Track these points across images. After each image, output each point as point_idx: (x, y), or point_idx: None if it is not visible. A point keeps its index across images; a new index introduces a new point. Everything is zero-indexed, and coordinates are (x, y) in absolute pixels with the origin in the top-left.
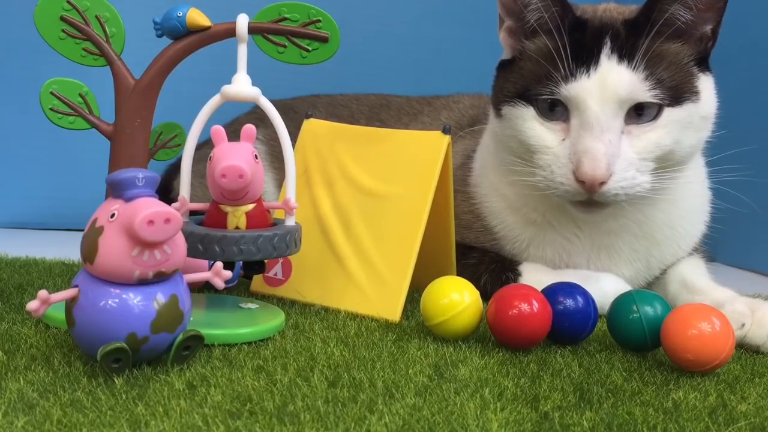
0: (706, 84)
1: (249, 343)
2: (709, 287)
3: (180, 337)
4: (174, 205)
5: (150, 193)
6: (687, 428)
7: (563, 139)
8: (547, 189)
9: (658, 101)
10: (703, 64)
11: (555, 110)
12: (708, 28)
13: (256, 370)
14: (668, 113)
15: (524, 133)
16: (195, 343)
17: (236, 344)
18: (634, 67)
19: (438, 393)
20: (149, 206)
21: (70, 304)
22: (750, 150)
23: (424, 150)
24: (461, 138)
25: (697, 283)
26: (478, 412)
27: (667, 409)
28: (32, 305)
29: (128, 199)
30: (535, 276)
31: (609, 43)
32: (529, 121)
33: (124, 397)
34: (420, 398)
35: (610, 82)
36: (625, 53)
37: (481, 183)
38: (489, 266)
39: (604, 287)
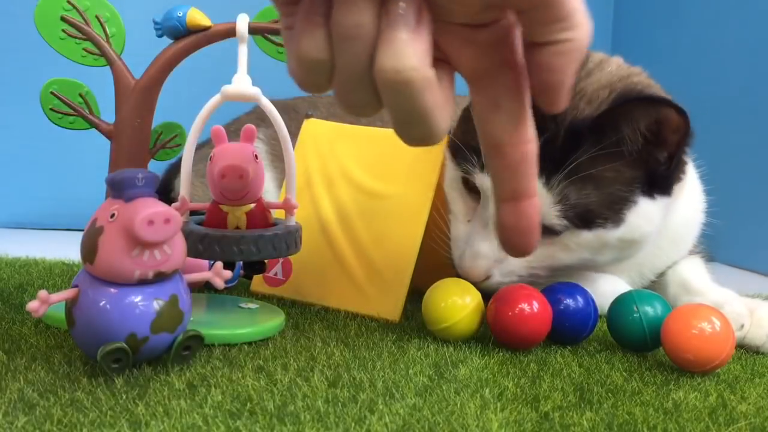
0: (643, 209)
1: (249, 343)
2: (708, 288)
3: (180, 337)
4: (174, 205)
5: (150, 193)
6: (687, 428)
7: (468, 220)
8: None
9: (561, 228)
10: (655, 186)
11: (472, 188)
12: (663, 154)
13: (257, 370)
14: (572, 234)
15: (449, 190)
16: (195, 343)
17: (236, 344)
18: (550, 188)
19: (438, 393)
20: (149, 206)
21: (70, 304)
22: (750, 150)
23: (425, 150)
24: None
25: (697, 284)
26: (479, 412)
27: (667, 409)
28: (32, 305)
29: (128, 199)
30: None
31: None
32: (456, 181)
33: (124, 397)
34: (420, 398)
35: None
36: (546, 168)
37: None
38: None
39: (604, 288)
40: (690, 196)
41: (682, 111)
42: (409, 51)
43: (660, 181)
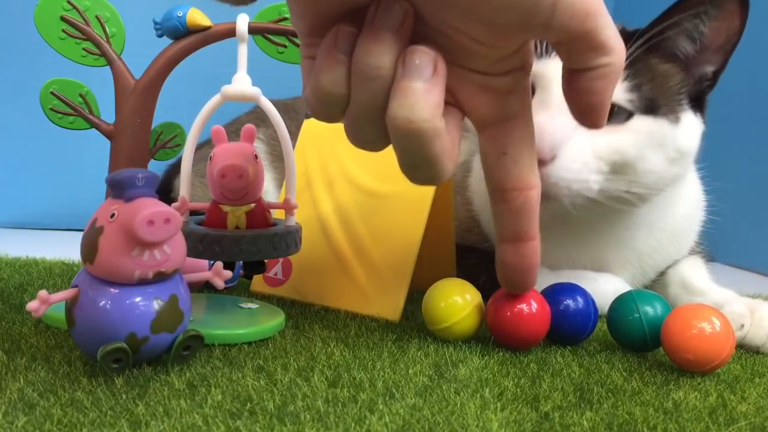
0: (690, 120)
1: (249, 343)
2: (708, 288)
3: (180, 337)
4: (174, 205)
5: (150, 193)
6: (687, 428)
7: None
8: None
9: (630, 107)
10: (695, 104)
11: None
12: (709, 69)
13: (257, 370)
14: (639, 121)
15: None
16: (195, 343)
17: (236, 344)
18: (631, 54)
19: (438, 393)
20: (149, 206)
21: (70, 304)
22: (750, 150)
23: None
24: (464, 138)
25: (697, 283)
26: (479, 412)
27: (668, 409)
28: (32, 305)
29: (128, 199)
30: None
31: None
32: None
33: (124, 397)
34: (420, 398)
35: None
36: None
37: (479, 190)
38: (489, 266)
39: (604, 287)
40: (691, 192)
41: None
42: (421, 102)
43: (700, 99)
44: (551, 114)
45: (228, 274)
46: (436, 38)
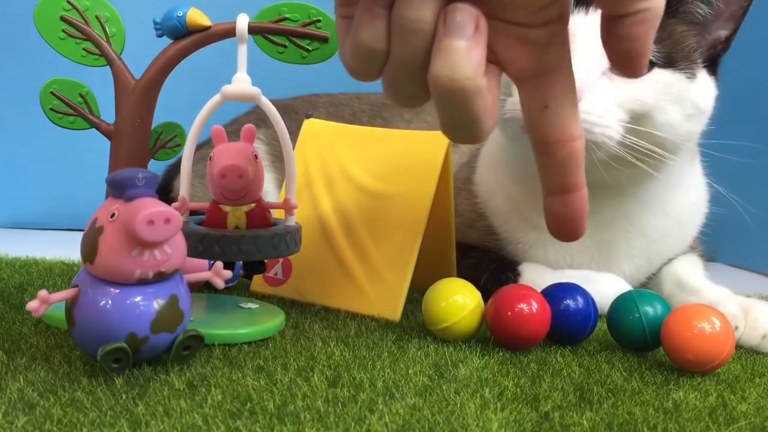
0: (705, 79)
1: (249, 343)
2: (703, 286)
3: (180, 337)
4: (174, 205)
5: (150, 193)
6: (687, 428)
7: None
8: None
9: (653, 58)
10: (709, 66)
11: None
12: (723, 33)
13: (257, 370)
14: (658, 72)
15: None
16: (195, 343)
17: (236, 344)
18: None
19: (438, 393)
20: (149, 206)
21: (70, 304)
22: (750, 150)
23: (425, 150)
24: None
25: (692, 282)
26: (479, 412)
27: (668, 409)
28: (32, 305)
29: (128, 199)
30: (535, 276)
31: None
32: None
33: (124, 396)
34: (420, 398)
35: None
36: None
37: (486, 181)
38: (489, 266)
39: (604, 288)
40: (698, 181)
41: None
42: (464, 61)
43: (714, 63)
44: (575, 61)
45: (228, 274)
46: None
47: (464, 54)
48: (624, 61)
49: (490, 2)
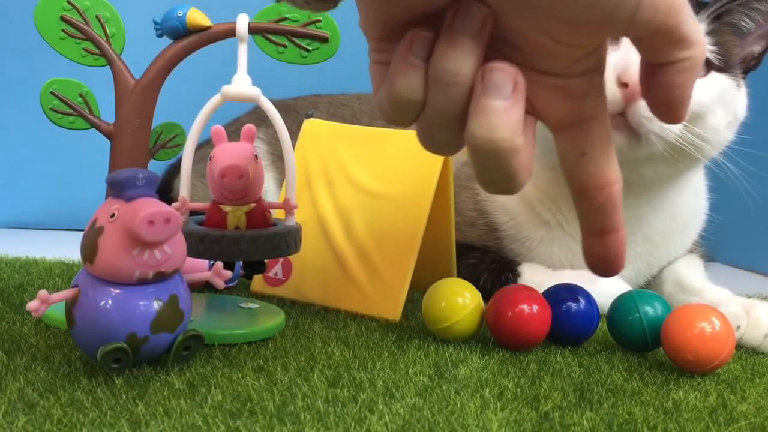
0: (744, 90)
1: (249, 343)
2: (704, 287)
3: (180, 337)
4: (174, 205)
5: (150, 193)
6: (687, 428)
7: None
8: None
9: (711, 59)
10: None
11: None
12: (757, 49)
13: (257, 370)
14: (716, 77)
15: None
16: (195, 343)
17: (236, 344)
18: (701, 21)
19: (438, 393)
20: (149, 206)
21: (70, 304)
22: (750, 149)
23: (425, 150)
24: None
25: (693, 282)
26: (479, 412)
27: (668, 409)
28: (32, 305)
29: (128, 199)
30: (535, 277)
31: None
32: None
33: (124, 396)
34: (420, 398)
35: None
36: (696, 8)
37: None
38: (489, 266)
39: (604, 288)
40: (701, 184)
41: None
42: (502, 121)
43: (744, 76)
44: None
45: (228, 274)
46: (513, 39)
47: (502, 114)
48: (664, 107)
49: (527, 53)
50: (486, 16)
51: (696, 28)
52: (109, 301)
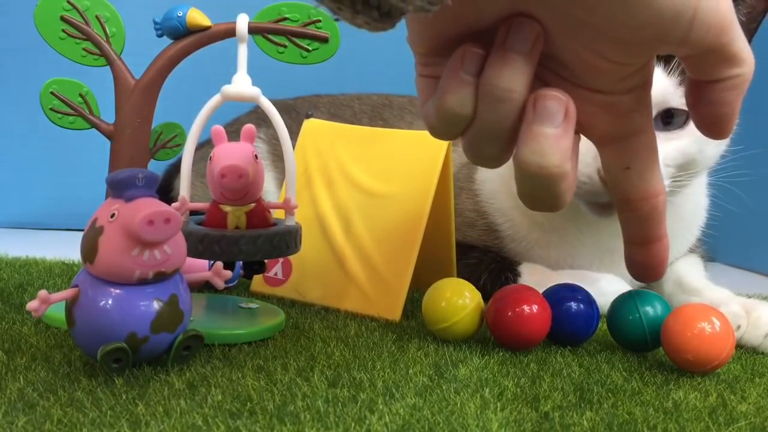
0: None
1: (249, 343)
2: (704, 287)
3: (180, 337)
4: (174, 205)
5: (150, 193)
6: (687, 428)
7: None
8: None
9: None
10: None
11: None
12: None
13: (257, 370)
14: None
15: None
16: (195, 343)
17: (236, 344)
18: (669, 72)
19: (438, 393)
20: (149, 206)
21: (70, 304)
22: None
23: (425, 150)
24: None
25: (693, 282)
26: (479, 412)
27: (668, 409)
28: (32, 305)
29: (128, 199)
30: (535, 277)
31: None
32: None
33: (124, 396)
34: (420, 398)
35: None
36: (662, 57)
37: (489, 179)
38: (489, 266)
39: (604, 288)
40: (700, 183)
41: None
42: (553, 149)
43: None
44: None
45: (228, 274)
46: (563, 57)
47: (553, 142)
48: (712, 124)
49: (576, 71)
50: (538, 34)
51: (746, 46)
52: (109, 301)
